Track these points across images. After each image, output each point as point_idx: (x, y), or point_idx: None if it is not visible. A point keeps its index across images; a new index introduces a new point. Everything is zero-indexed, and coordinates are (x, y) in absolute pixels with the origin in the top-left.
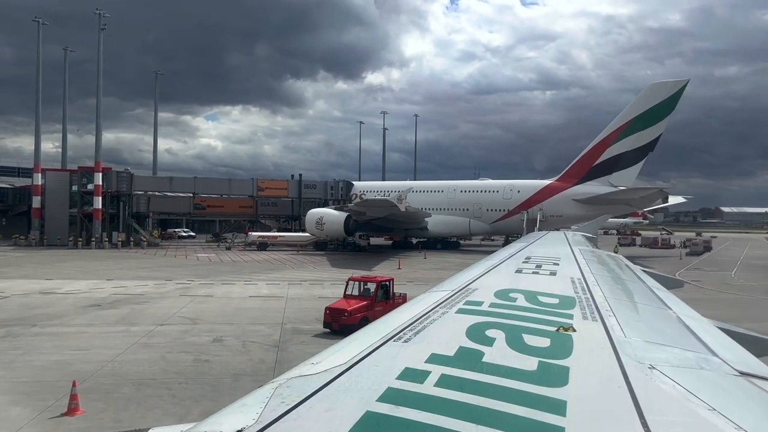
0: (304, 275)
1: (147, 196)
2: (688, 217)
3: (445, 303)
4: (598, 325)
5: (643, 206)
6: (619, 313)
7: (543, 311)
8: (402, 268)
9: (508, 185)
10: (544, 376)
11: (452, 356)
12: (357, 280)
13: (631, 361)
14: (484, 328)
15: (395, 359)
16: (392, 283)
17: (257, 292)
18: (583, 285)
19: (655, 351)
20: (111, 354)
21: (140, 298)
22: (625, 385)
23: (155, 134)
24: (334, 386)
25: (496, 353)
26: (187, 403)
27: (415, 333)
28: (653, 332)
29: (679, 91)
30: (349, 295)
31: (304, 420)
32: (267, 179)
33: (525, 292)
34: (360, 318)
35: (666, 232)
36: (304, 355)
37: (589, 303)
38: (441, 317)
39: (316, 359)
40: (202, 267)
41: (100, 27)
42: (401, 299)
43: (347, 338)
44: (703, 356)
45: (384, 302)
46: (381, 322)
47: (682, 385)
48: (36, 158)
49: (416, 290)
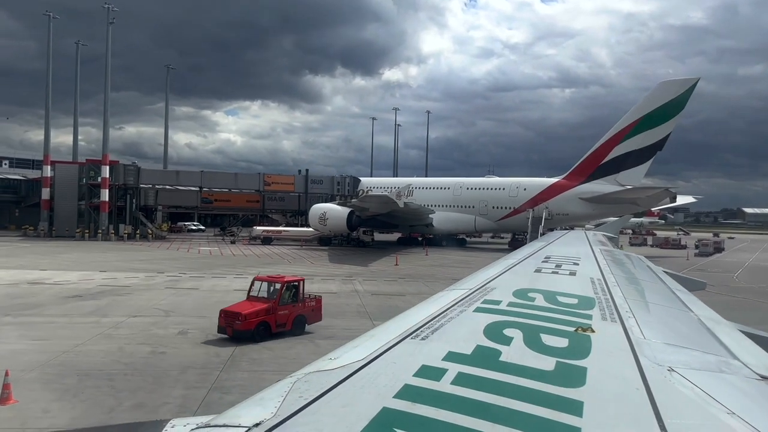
0: (298, 270)
1: (155, 189)
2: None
3: (464, 301)
4: (617, 326)
5: (650, 206)
6: (639, 315)
7: (562, 311)
8: (399, 264)
9: (514, 183)
10: (561, 377)
11: (469, 354)
12: (263, 280)
13: (649, 363)
14: (502, 327)
15: (413, 356)
16: (303, 284)
17: (244, 286)
18: (602, 285)
19: (674, 353)
20: (70, 344)
21: (125, 289)
22: (644, 387)
23: (166, 128)
24: (351, 382)
25: (513, 352)
26: (123, 394)
27: (433, 331)
28: (673, 334)
29: (690, 89)
30: (253, 297)
31: (322, 415)
32: (273, 174)
33: (544, 292)
34: (257, 323)
35: (683, 233)
36: (261, 350)
37: (608, 304)
38: (459, 315)
39: (334, 354)
40: (199, 260)
41: (108, 21)
42: (314, 302)
43: (365, 334)
44: (723, 359)
45: (291, 305)
46: (399, 319)
47: (701, 388)
48: (45, 150)
49: (406, 286)
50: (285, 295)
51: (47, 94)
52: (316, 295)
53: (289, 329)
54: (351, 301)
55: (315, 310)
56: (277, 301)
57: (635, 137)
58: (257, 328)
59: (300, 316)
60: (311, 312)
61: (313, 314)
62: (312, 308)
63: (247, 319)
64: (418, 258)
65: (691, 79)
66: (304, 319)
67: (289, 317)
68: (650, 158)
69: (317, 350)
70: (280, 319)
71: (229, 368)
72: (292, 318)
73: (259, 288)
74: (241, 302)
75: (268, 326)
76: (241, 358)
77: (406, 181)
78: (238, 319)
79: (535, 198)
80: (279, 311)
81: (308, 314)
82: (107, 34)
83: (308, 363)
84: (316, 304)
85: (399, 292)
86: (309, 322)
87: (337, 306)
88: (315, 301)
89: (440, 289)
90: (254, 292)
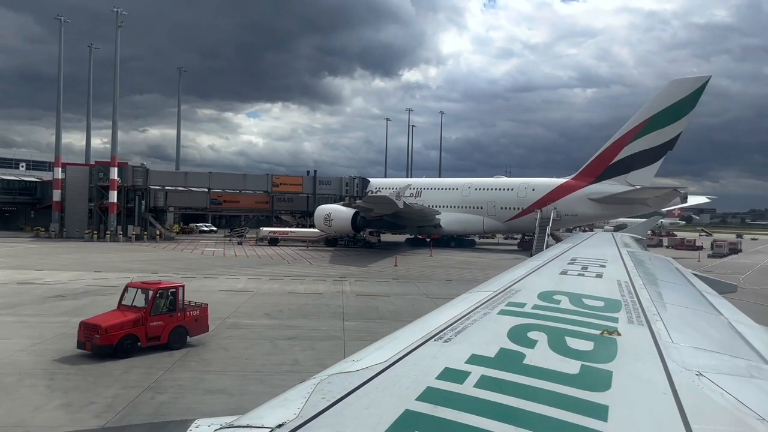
0: (293, 271)
1: (165, 190)
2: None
3: (488, 303)
4: (644, 330)
5: (661, 206)
6: (667, 318)
7: (587, 314)
8: (398, 265)
9: (522, 183)
10: (586, 380)
11: (493, 357)
12: (136, 287)
13: (677, 367)
14: (526, 330)
15: (435, 359)
16: (182, 291)
17: (232, 287)
18: (629, 288)
19: (703, 357)
20: (27, 344)
21: (111, 290)
22: (671, 391)
23: (178, 129)
24: (374, 384)
25: (537, 356)
26: (56, 394)
27: (456, 333)
28: (702, 338)
29: (701, 87)
30: (125, 306)
31: (344, 416)
32: (282, 175)
33: (569, 294)
34: (121, 336)
35: (705, 234)
36: (216, 348)
37: (635, 306)
38: (482, 318)
39: (357, 356)
40: (199, 261)
41: (117, 24)
42: (198, 311)
43: (388, 336)
44: (754, 364)
45: (167, 315)
46: (422, 321)
47: (731, 393)
48: (57, 152)
49: (395, 287)
50: (159, 303)
51: (58, 96)
52: (202, 303)
53: (164, 342)
54: (332, 302)
55: (199, 320)
56: (148, 311)
57: (645, 137)
58: (121, 342)
59: (179, 328)
60: (194, 323)
61: (196, 325)
62: (195, 318)
63: (108, 332)
64: (421, 259)
65: (702, 77)
66: (185, 330)
67: (165, 329)
68: (661, 157)
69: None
70: (152, 332)
71: (176, 368)
72: (168, 330)
73: (134, 296)
74: (108, 312)
75: (136, 339)
76: (192, 358)
77: (407, 181)
78: (96, 333)
79: (544, 198)
80: (151, 322)
81: (190, 325)
82: (116, 37)
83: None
84: (201, 313)
85: (385, 293)
86: (192, 334)
87: (316, 307)
88: (199, 310)
89: (430, 290)
90: (128, 300)
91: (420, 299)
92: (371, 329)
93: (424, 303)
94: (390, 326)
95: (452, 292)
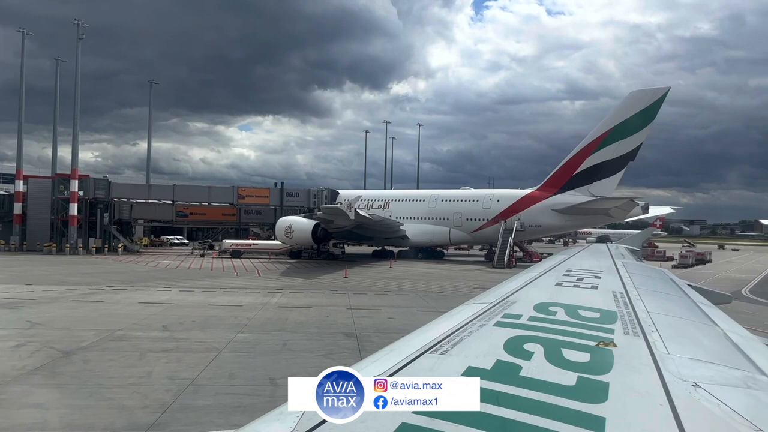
0: (235, 283)
1: (130, 203)
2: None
3: (483, 315)
4: (640, 341)
5: (622, 217)
6: (663, 329)
7: (583, 325)
8: (348, 276)
9: (488, 194)
10: (582, 392)
11: (489, 369)
12: None
13: (674, 378)
14: (523, 342)
15: (432, 371)
16: None
17: (155, 299)
18: (625, 299)
19: (699, 368)
20: None
21: (28, 302)
22: (667, 402)
23: (149, 141)
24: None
25: (534, 367)
26: None
27: (452, 345)
28: (698, 349)
29: (660, 99)
30: None
31: (340, 430)
32: (248, 187)
33: (565, 306)
34: None
35: (688, 245)
36: (77, 361)
37: (631, 318)
38: (478, 330)
39: (353, 369)
40: (145, 274)
41: (78, 36)
42: None
43: (384, 349)
44: (750, 375)
45: None
46: (419, 333)
47: (727, 404)
48: (18, 165)
49: (324, 299)
50: None
51: (20, 108)
52: None
53: None
54: (244, 315)
55: None
56: None
57: (607, 147)
58: None
59: None
60: None
61: None
62: None
63: None
64: (377, 270)
65: (661, 88)
66: None
67: None
68: (622, 168)
69: (137, 363)
70: None
71: (36, 374)
72: None
73: None
74: None
75: None
76: (61, 368)
77: (358, 192)
78: None
79: (508, 209)
80: None
81: None
82: (77, 50)
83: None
84: None
85: (309, 304)
86: None
87: (221, 319)
88: None
89: (359, 300)
90: None
91: (339, 310)
92: (260, 341)
93: (340, 313)
94: (283, 337)
95: (376, 303)
